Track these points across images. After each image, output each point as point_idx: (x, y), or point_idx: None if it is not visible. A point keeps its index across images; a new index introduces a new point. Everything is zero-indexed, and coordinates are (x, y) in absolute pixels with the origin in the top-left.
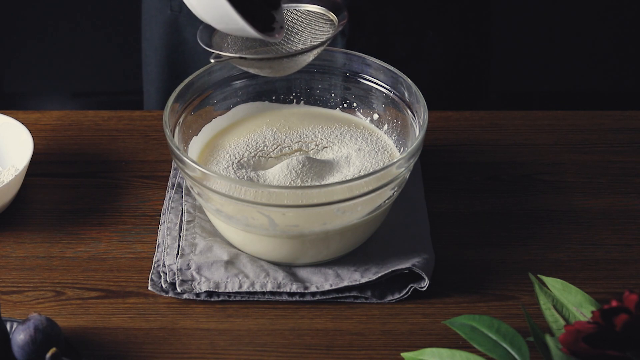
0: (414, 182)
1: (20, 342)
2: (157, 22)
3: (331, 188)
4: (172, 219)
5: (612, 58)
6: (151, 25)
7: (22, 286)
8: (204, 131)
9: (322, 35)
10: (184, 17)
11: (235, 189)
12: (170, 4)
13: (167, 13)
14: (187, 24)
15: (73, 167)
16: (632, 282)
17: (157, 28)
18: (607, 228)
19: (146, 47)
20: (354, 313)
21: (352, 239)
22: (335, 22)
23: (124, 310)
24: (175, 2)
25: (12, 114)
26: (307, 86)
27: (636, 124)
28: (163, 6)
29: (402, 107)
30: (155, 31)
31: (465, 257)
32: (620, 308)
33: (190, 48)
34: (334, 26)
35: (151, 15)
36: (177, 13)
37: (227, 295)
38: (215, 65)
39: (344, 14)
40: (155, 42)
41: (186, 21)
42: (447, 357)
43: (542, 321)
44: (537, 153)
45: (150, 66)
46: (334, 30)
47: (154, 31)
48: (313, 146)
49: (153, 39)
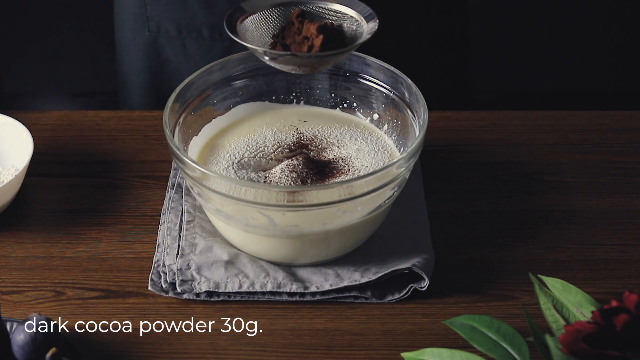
0: (414, 182)
1: (20, 342)
2: (136, 44)
3: (331, 188)
4: (172, 219)
5: (612, 58)
6: (130, 48)
7: (22, 286)
8: (204, 131)
9: None
10: (162, 37)
11: (235, 189)
12: (147, 25)
13: (145, 35)
14: (166, 44)
15: (73, 167)
16: (632, 282)
17: (136, 51)
18: (607, 228)
19: (126, 72)
20: (354, 313)
21: (352, 239)
22: (363, 23)
23: (124, 310)
24: (153, 23)
25: (12, 114)
26: (307, 86)
27: (636, 124)
28: (140, 28)
29: (402, 107)
30: (134, 55)
31: (465, 257)
32: (620, 308)
33: (172, 68)
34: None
35: (129, 39)
36: (155, 34)
37: (227, 295)
38: (215, 65)
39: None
40: (137, 66)
41: (165, 41)
42: (447, 357)
43: (542, 321)
44: (537, 153)
45: (133, 91)
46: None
47: (134, 55)
48: (313, 146)
49: (134, 62)
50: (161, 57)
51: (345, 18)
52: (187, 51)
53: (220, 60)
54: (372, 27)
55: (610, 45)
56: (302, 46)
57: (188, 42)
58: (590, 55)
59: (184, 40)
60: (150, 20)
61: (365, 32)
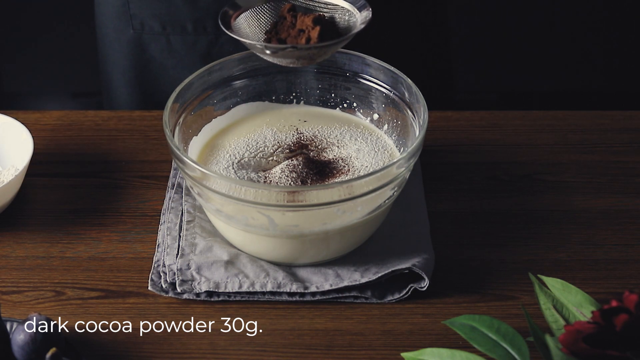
0: (414, 182)
1: (20, 342)
2: (120, 43)
3: (331, 188)
4: (172, 219)
5: (612, 58)
6: (113, 47)
7: (22, 286)
8: (204, 131)
9: None
10: (147, 34)
11: (235, 189)
12: (131, 23)
13: (129, 33)
14: (150, 41)
15: (73, 167)
16: (632, 282)
17: (120, 49)
18: (607, 228)
19: (111, 70)
20: (354, 313)
21: (352, 239)
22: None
23: (124, 310)
24: (137, 21)
25: (12, 114)
26: (307, 86)
27: (636, 124)
28: (124, 26)
29: (402, 107)
30: (119, 53)
31: (465, 257)
32: (620, 308)
33: (158, 65)
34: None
35: (112, 38)
36: (139, 32)
37: (227, 295)
38: (215, 65)
39: (367, 9)
40: (121, 64)
41: (150, 38)
42: (447, 357)
43: (542, 321)
44: (537, 153)
45: (119, 89)
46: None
47: (118, 53)
48: (313, 146)
49: (118, 60)
50: (146, 54)
51: (337, 9)
52: (172, 47)
53: (220, 60)
54: (365, 16)
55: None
56: (299, 39)
57: (172, 38)
58: (590, 55)
59: (168, 36)
60: (134, 18)
61: (359, 21)
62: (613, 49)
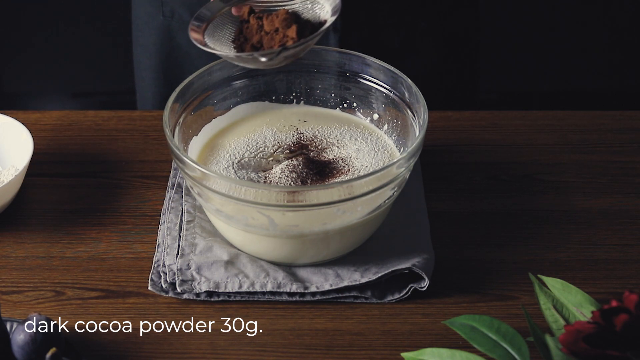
0: (414, 182)
1: (20, 342)
2: (149, 28)
3: (331, 188)
4: (172, 219)
5: (612, 58)
6: (144, 31)
7: (22, 286)
8: (204, 131)
9: None
10: (176, 22)
11: (235, 189)
12: (162, 10)
13: (159, 19)
14: (179, 29)
15: (73, 167)
16: (632, 282)
17: (149, 34)
18: (607, 228)
19: (139, 53)
20: (354, 313)
21: (352, 239)
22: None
23: (124, 310)
24: (167, 8)
25: (12, 114)
26: (307, 86)
27: (636, 124)
28: (155, 12)
29: (402, 107)
30: (148, 37)
31: (465, 257)
32: (620, 308)
33: (183, 53)
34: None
35: (143, 21)
36: (169, 19)
37: (227, 295)
38: (215, 65)
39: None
40: (149, 49)
41: (178, 27)
42: (447, 357)
43: (542, 321)
44: (537, 153)
45: (145, 72)
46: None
47: (147, 37)
48: (313, 146)
49: (147, 45)
50: (173, 42)
51: (296, 1)
52: None
53: (220, 60)
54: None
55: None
56: (275, 40)
57: None
58: (590, 55)
59: None
60: (164, 5)
61: (326, 7)
62: (613, 49)
